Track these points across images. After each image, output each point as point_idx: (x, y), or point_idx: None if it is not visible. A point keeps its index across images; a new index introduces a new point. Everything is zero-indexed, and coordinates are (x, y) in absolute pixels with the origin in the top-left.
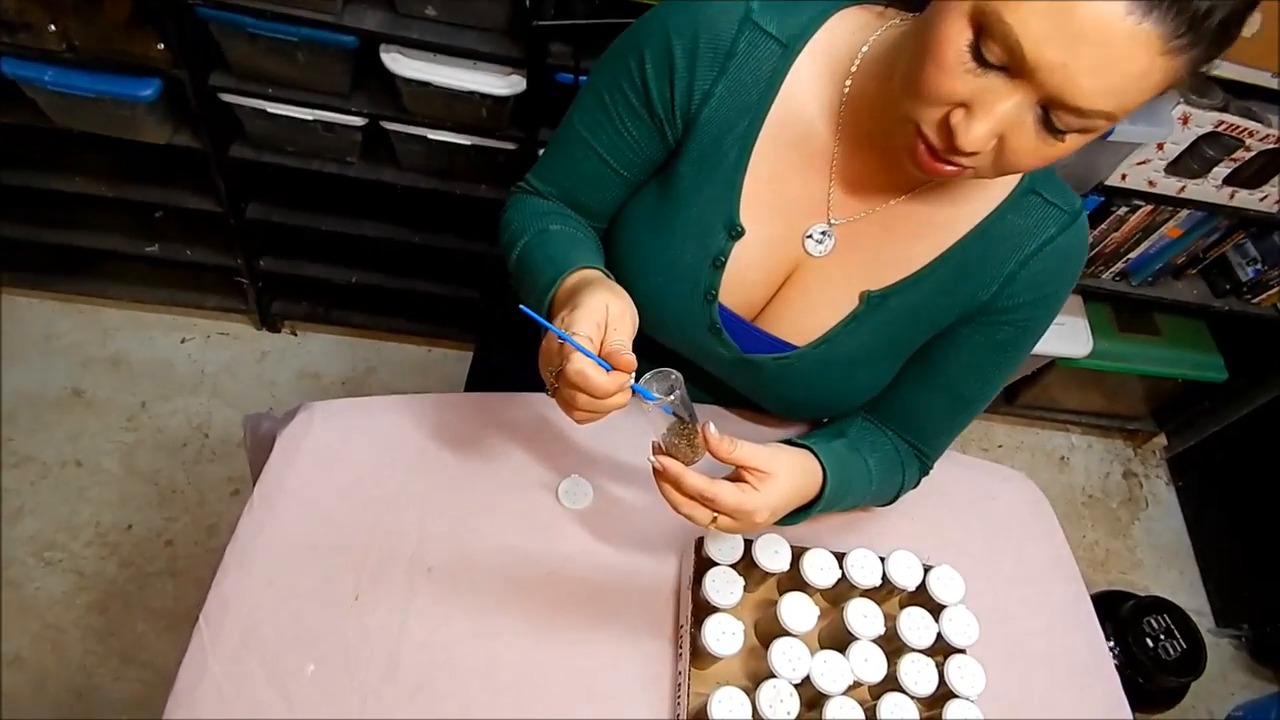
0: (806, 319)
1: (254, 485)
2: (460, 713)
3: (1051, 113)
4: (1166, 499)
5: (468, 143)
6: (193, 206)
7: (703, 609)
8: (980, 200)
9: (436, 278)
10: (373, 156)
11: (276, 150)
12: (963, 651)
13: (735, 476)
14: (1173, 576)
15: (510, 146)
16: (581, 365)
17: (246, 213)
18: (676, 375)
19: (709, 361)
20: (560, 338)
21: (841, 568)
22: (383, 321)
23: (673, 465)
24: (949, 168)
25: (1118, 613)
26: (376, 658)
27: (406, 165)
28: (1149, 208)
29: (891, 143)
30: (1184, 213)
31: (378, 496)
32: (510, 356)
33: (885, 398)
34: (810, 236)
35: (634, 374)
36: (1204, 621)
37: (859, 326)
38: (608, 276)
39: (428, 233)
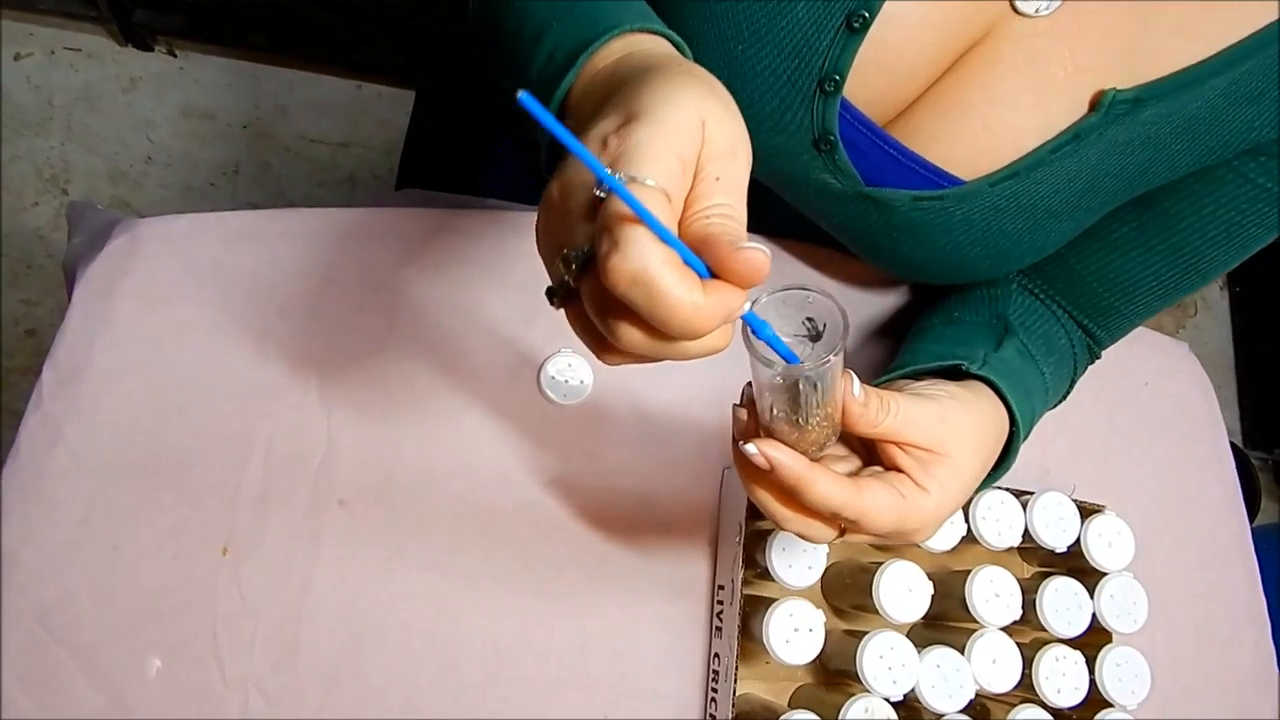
0: (988, 133)
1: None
2: (401, 714)
3: None
4: (1218, 306)
5: None
6: None
7: (760, 573)
8: None
9: None
10: None
11: None
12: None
13: (876, 451)
14: None
15: None
16: (647, 262)
17: None
18: (818, 299)
19: (800, 190)
20: (606, 182)
21: (967, 520)
22: (293, 46)
23: (790, 462)
24: None
25: None
26: (264, 639)
27: None
28: None
29: None
30: None
31: (253, 382)
32: (466, 115)
33: (1066, 261)
34: None
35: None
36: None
37: (1080, 150)
38: (681, 50)
39: None
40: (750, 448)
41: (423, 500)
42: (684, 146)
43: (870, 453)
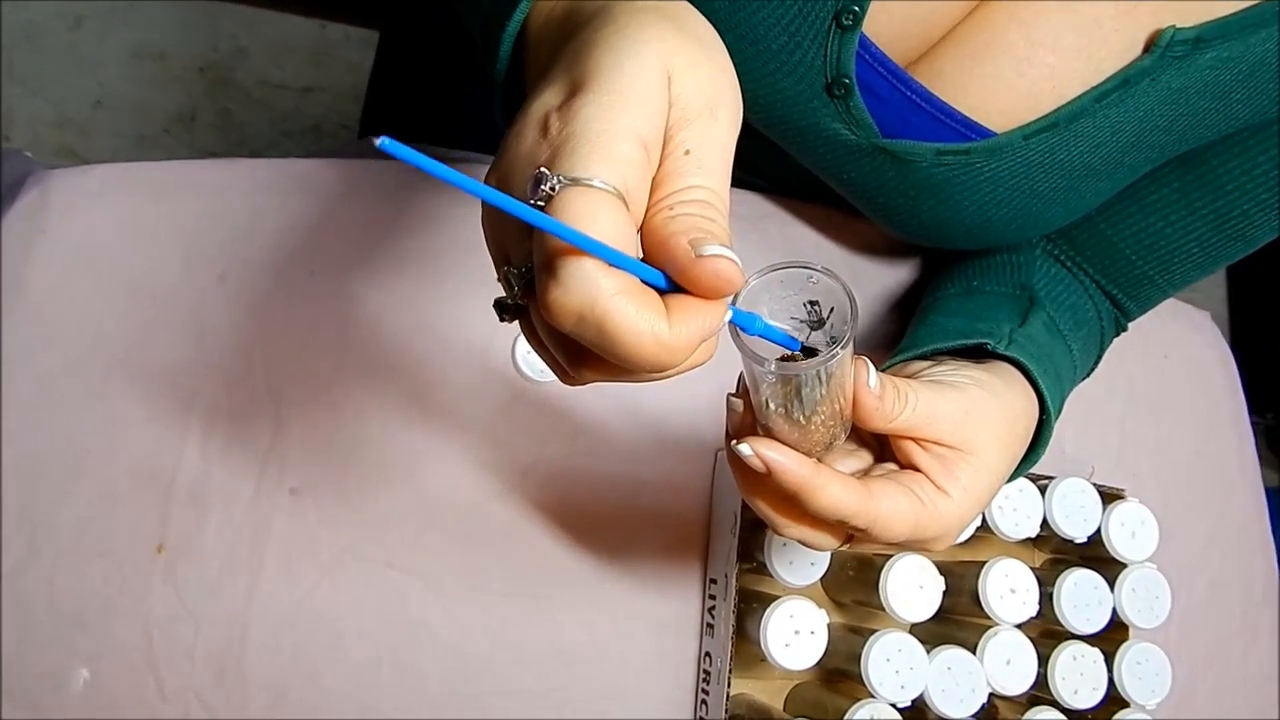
0: (1024, 78)
1: None
2: None
3: None
4: None
5: None
6: None
7: (756, 567)
8: None
9: None
10: None
11: None
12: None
13: (890, 446)
14: None
15: None
16: (594, 296)
17: None
18: (822, 279)
19: (807, 142)
20: (526, 219)
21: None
22: None
23: (791, 466)
24: None
25: None
26: (205, 645)
27: None
28: None
29: None
30: None
31: (188, 358)
32: (437, 58)
33: (1097, 225)
34: None
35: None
36: None
37: (1128, 98)
38: None
39: None
40: (744, 449)
41: (382, 490)
42: (645, 121)
43: (883, 445)
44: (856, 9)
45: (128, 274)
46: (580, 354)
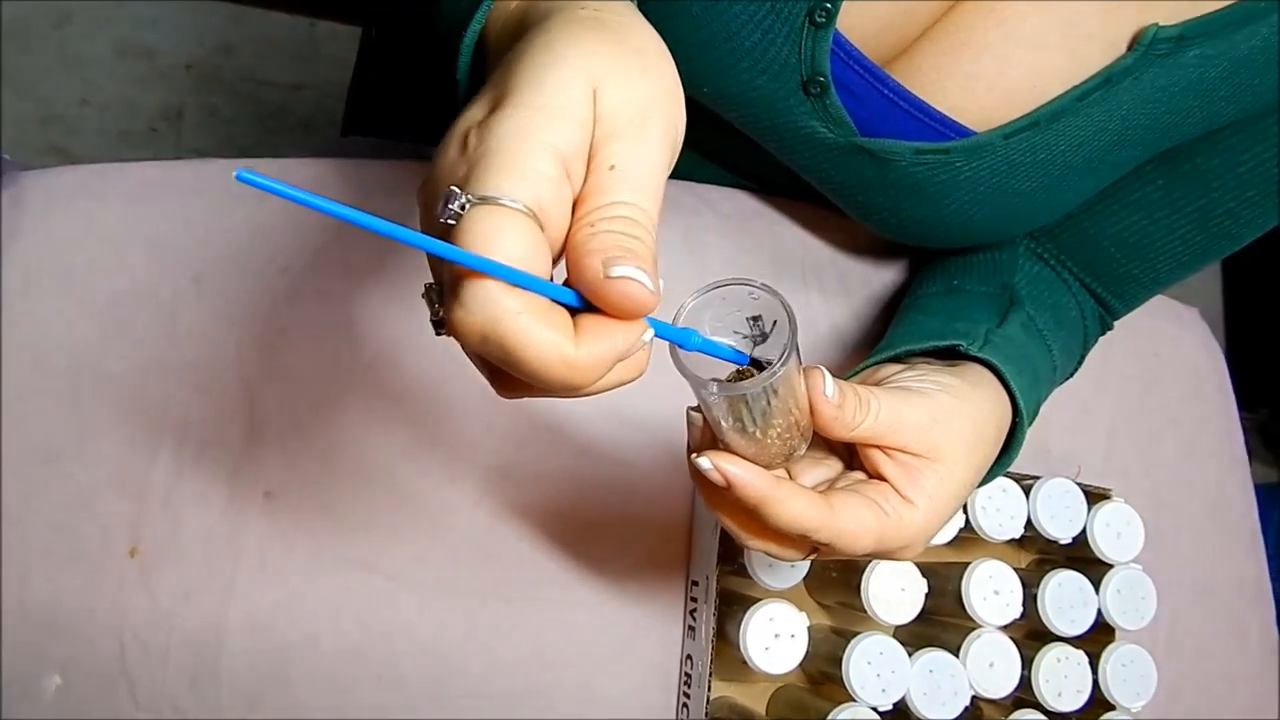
0: (1005, 77)
1: None
2: None
3: None
4: None
5: None
6: None
7: (738, 569)
8: None
9: None
10: None
11: None
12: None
13: (858, 454)
14: None
15: None
16: (496, 315)
17: None
18: (762, 294)
19: (786, 140)
20: (433, 253)
21: (965, 510)
22: None
23: (750, 480)
24: None
25: None
26: (179, 650)
27: None
28: None
29: None
30: None
31: (162, 360)
32: (421, 53)
33: (1080, 224)
34: None
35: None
36: None
37: (1110, 97)
38: None
39: None
40: (704, 462)
41: (359, 492)
42: (563, 136)
43: (853, 453)
44: (829, 6)
45: (102, 276)
46: (498, 371)
